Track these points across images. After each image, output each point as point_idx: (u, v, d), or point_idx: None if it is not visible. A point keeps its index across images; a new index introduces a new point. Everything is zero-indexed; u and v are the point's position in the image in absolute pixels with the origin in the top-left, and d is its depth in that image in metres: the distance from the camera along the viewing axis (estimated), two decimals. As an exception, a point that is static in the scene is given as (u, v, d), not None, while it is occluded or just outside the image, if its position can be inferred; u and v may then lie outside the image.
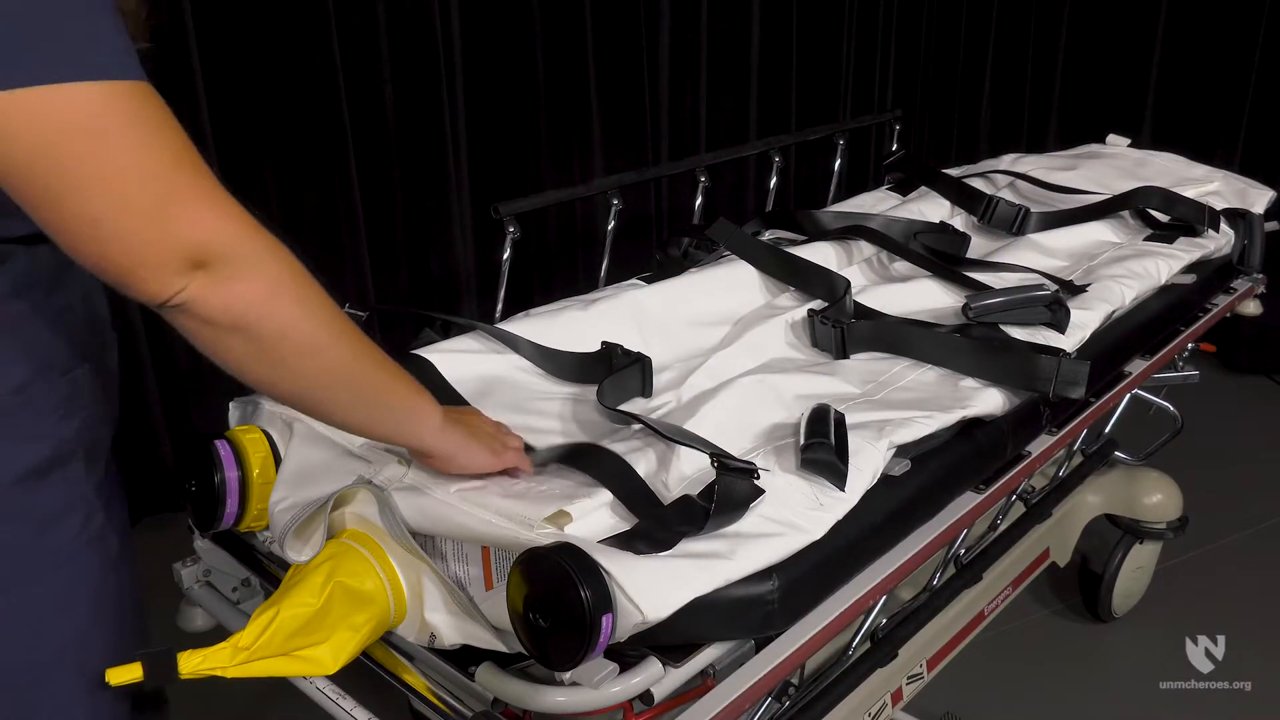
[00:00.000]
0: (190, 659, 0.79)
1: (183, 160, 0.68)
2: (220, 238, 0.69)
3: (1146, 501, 2.03)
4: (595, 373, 1.20)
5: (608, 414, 1.11)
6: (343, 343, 0.79)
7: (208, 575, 1.18)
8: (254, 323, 0.71)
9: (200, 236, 0.68)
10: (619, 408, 1.11)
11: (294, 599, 0.86)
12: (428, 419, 0.89)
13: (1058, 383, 1.16)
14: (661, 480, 0.98)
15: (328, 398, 0.81)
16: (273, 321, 0.72)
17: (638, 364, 1.18)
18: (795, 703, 1.12)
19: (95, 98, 0.64)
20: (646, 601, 0.80)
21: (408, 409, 0.88)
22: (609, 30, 2.76)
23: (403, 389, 0.87)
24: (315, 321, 0.76)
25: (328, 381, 0.79)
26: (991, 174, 2.01)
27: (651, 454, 1.01)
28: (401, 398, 0.87)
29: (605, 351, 1.22)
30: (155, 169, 0.66)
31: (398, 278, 2.65)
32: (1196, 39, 3.21)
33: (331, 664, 0.85)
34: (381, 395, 0.85)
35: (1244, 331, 3.06)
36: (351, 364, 0.80)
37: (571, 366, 1.24)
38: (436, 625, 0.92)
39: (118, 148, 0.65)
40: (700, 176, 1.87)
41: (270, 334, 0.73)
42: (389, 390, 0.85)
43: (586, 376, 1.22)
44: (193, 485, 1.03)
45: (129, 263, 0.67)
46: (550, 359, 1.25)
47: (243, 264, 0.70)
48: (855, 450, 1.00)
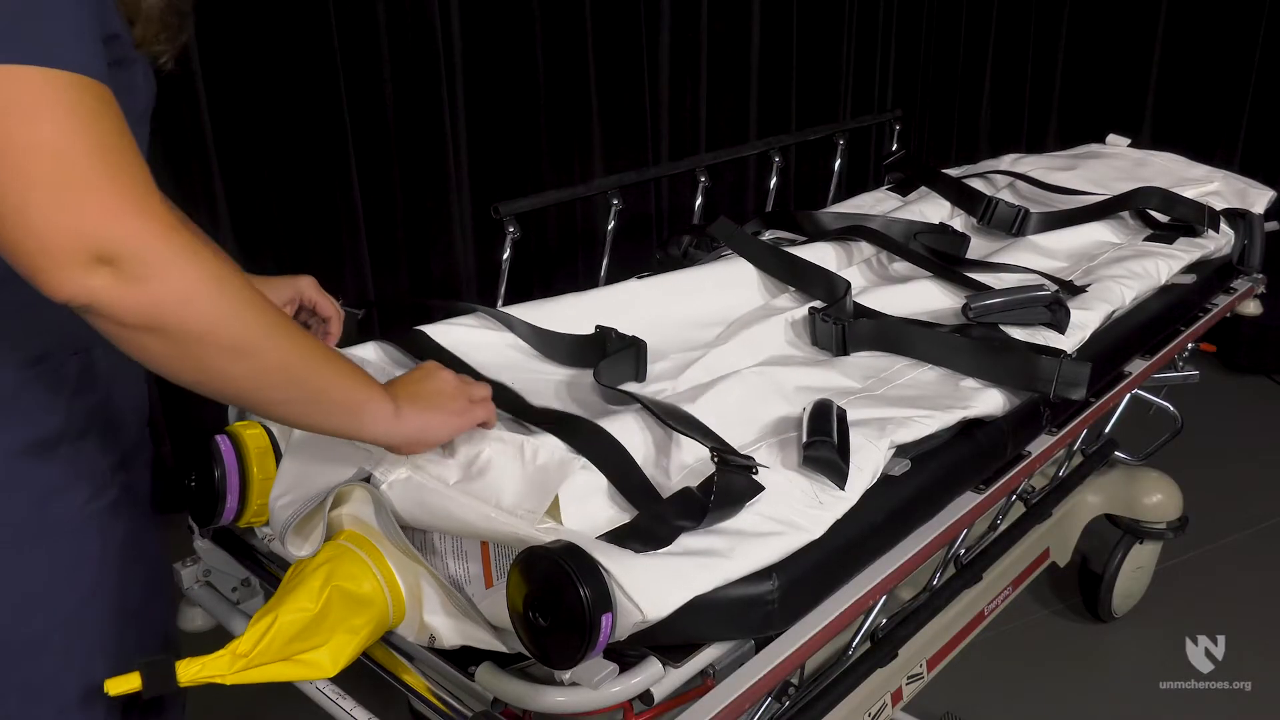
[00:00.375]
0: (189, 667, 0.79)
1: (109, 156, 0.67)
2: (130, 235, 0.67)
3: (1146, 501, 2.03)
4: (589, 356, 1.20)
5: (605, 394, 1.11)
6: (275, 342, 0.76)
7: (208, 575, 1.18)
8: (170, 325, 0.69)
9: (108, 231, 0.66)
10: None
11: (292, 604, 0.86)
12: (378, 411, 0.85)
13: (1058, 383, 1.16)
14: (661, 468, 0.98)
15: (264, 397, 0.79)
16: (190, 323, 0.70)
17: (632, 347, 1.18)
18: (795, 703, 1.12)
19: (35, 80, 0.65)
20: (646, 601, 0.80)
21: (355, 404, 0.84)
22: (609, 30, 2.76)
23: (347, 384, 0.84)
24: (241, 323, 0.73)
25: (262, 382, 0.77)
26: (991, 174, 2.01)
27: (650, 440, 1.00)
28: (346, 392, 0.83)
29: (599, 335, 1.21)
30: (74, 157, 0.66)
31: (398, 278, 2.65)
32: (1196, 39, 3.21)
33: (331, 668, 0.85)
34: (325, 392, 0.82)
35: (1244, 331, 3.06)
36: (287, 363, 0.77)
37: (565, 348, 1.24)
38: (436, 627, 0.92)
39: (41, 129, 0.65)
40: (700, 176, 1.87)
41: (189, 336, 0.71)
42: (332, 386, 0.82)
43: (580, 360, 1.22)
44: (192, 481, 1.03)
45: (31, 246, 0.65)
46: (545, 340, 1.25)
47: (154, 264, 0.67)
48: (856, 449, 0.99)
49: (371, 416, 0.85)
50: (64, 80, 0.66)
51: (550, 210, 2.76)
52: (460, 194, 2.66)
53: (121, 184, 0.67)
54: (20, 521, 0.85)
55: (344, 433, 0.86)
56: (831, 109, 3.32)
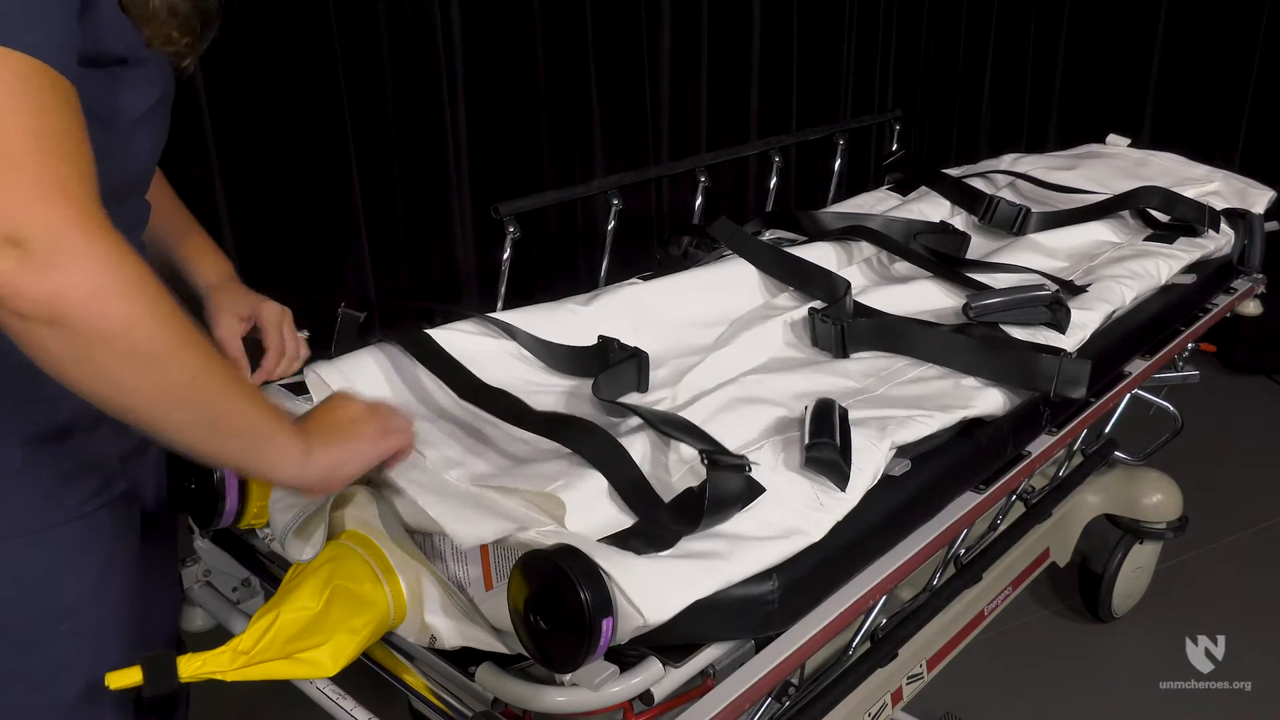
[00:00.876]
0: (190, 663, 0.79)
1: (47, 144, 0.65)
2: (46, 221, 0.63)
3: (1146, 501, 2.03)
4: (591, 366, 1.20)
5: (604, 406, 1.12)
6: (182, 355, 0.70)
7: (208, 575, 1.18)
8: (71, 319, 0.65)
9: (24, 213, 0.63)
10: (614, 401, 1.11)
11: (293, 602, 0.86)
12: (286, 448, 0.79)
13: (1059, 382, 1.16)
14: (662, 465, 0.98)
15: (162, 415, 0.72)
16: (93, 320, 0.65)
17: (634, 359, 1.18)
18: (795, 703, 1.12)
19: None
20: (647, 605, 0.80)
21: (261, 437, 0.78)
22: (609, 30, 2.76)
23: (256, 414, 0.77)
24: (148, 328, 0.68)
25: (162, 398, 0.71)
26: (991, 174, 2.01)
27: (648, 446, 1.00)
28: (252, 422, 0.77)
29: (601, 346, 1.21)
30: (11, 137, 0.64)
31: (398, 278, 2.65)
32: (1196, 39, 3.21)
33: (331, 666, 0.86)
34: (227, 419, 0.75)
35: (1244, 331, 3.06)
36: (192, 380, 0.71)
37: (567, 359, 1.24)
38: (436, 627, 0.92)
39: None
40: (700, 176, 1.87)
41: (91, 334, 0.66)
42: (236, 413, 0.76)
43: (582, 370, 1.22)
44: (192, 483, 1.03)
45: None
46: (547, 350, 1.25)
47: (67, 253, 0.64)
48: (857, 450, 0.99)
49: (281, 453, 0.79)
50: (23, 63, 0.65)
51: (550, 210, 2.76)
52: (460, 194, 2.65)
53: (52, 172, 0.64)
54: (30, 507, 0.86)
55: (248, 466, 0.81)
56: (832, 109, 3.32)
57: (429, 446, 1.02)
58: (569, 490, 0.90)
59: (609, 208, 1.74)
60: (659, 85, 2.92)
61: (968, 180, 1.91)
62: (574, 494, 0.90)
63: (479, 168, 2.67)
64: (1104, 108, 3.37)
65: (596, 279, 1.67)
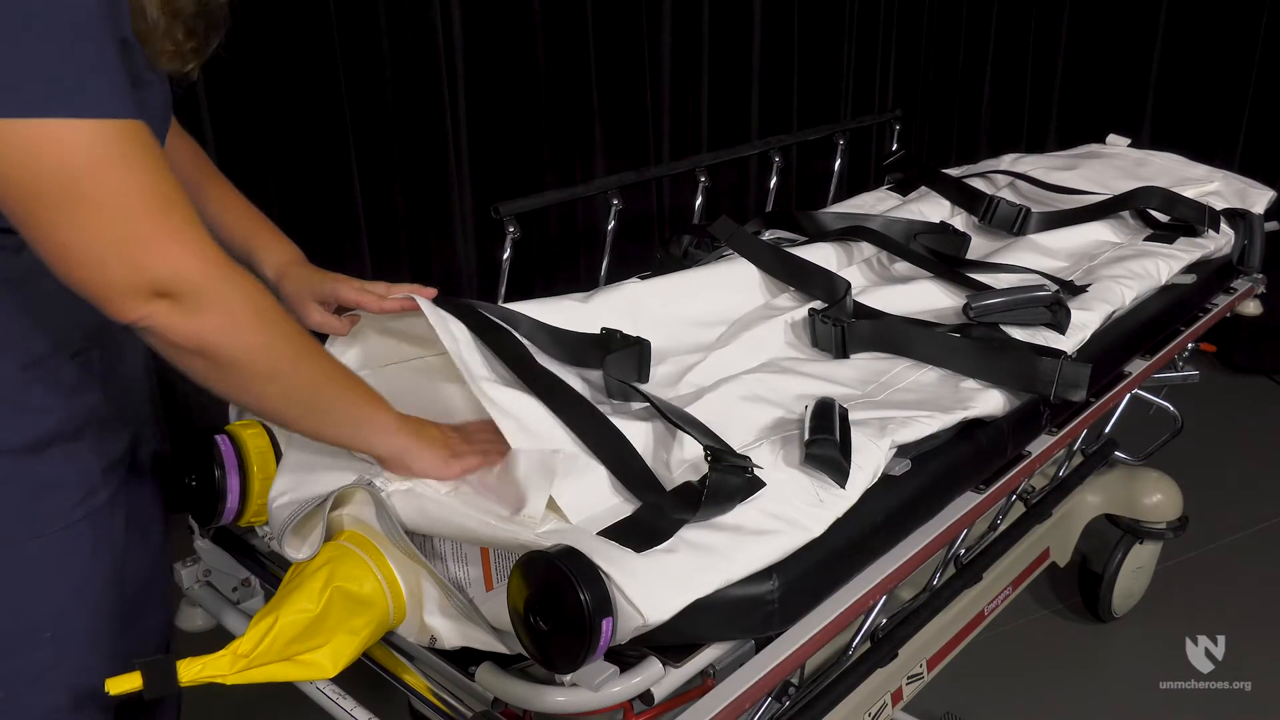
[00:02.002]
0: (189, 667, 0.79)
1: (154, 199, 0.73)
2: (185, 273, 0.74)
3: (1146, 501, 2.03)
4: (592, 355, 1.19)
5: (611, 387, 1.11)
6: (300, 368, 0.86)
7: (208, 575, 1.18)
8: (214, 350, 0.78)
9: (165, 271, 0.73)
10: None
11: (292, 604, 0.86)
12: (378, 427, 0.93)
13: (1059, 385, 1.16)
14: (662, 461, 0.98)
15: (285, 411, 0.88)
16: (232, 351, 0.79)
17: (636, 347, 1.18)
18: (795, 703, 1.12)
19: (83, 135, 0.69)
20: (647, 605, 0.80)
21: (359, 419, 0.92)
22: (610, 30, 2.76)
23: (357, 400, 0.92)
24: (273, 352, 0.82)
25: (285, 401, 0.87)
26: (991, 174, 2.01)
27: (652, 434, 1.01)
28: (354, 407, 0.92)
29: (605, 335, 1.21)
30: (125, 206, 0.71)
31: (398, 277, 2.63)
32: (1196, 39, 3.20)
33: (331, 668, 0.86)
34: (342, 410, 0.91)
35: (1244, 331, 3.06)
36: (307, 386, 0.87)
37: (570, 346, 1.23)
38: (436, 628, 0.92)
39: (93, 184, 0.70)
40: (701, 176, 1.87)
41: (229, 361, 0.79)
42: (351, 406, 0.91)
43: (583, 359, 1.21)
44: (192, 481, 1.03)
45: (96, 286, 0.73)
46: (549, 336, 1.24)
47: (206, 298, 0.76)
48: (857, 448, 0.99)
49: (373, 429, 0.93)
50: (108, 129, 0.70)
51: (550, 210, 2.76)
52: (461, 194, 2.65)
53: (170, 224, 0.74)
54: (12, 518, 0.87)
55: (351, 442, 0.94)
56: (832, 109, 3.32)
57: None
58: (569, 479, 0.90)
59: (609, 208, 1.74)
60: (659, 85, 2.92)
61: (968, 180, 1.91)
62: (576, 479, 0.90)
63: (479, 168, 2.67)
64: (1104, 108, 3.37)
65: (596, 279, 1.67)
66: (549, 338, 1.24)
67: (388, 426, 0.93)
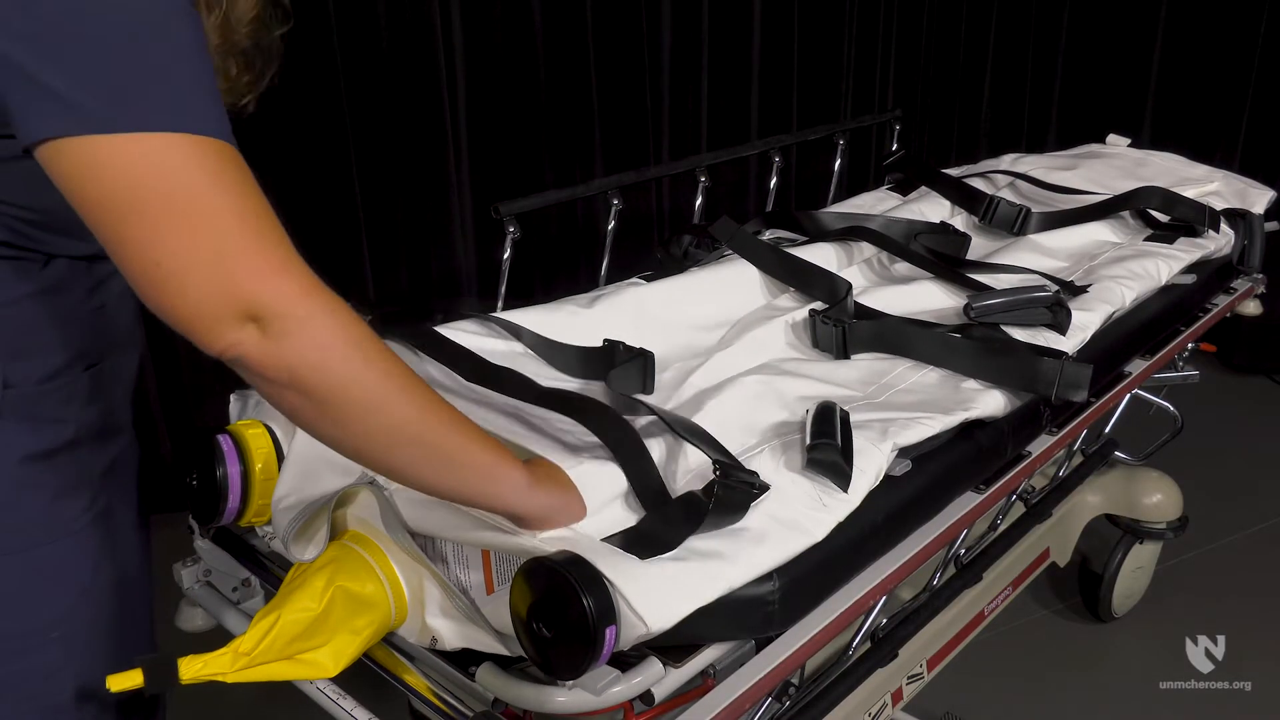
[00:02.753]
0: (191, 665, 0.79)
1: (250, 220, 0.71)
2: (275, 296, 0.70)
3: (1146, 501, 2.03)
4: (597, 367, 1.19)
5: (617, 402, 1.11)
6: (406, 399, 0.78)
7: (208, 575, 1.18)
8: (307, 378, 0.72)
9: (255, 293, 0.70)
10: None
11: (295, 603, 0.86)
12: (509, 478, 0.84)
13: (1060, 385, 1.16)
14: (670, 471, 0.98)
15: (395, 455, 0.79)
16: (326, 378, 0.73)
17: (640, 359, 1.18)
18: (795, 703, 1.12)
19: (180, 150, 0.68)
20: (650, 613, 0.80)
21: (485, 467, 0.83)
22: (610, 30, 2.76)
23: (478, 447, 0.83)
24: (371, 379, 0.75)
25: (393, 439, 0.78)
26: (991, 174, 2.01)
27: (658, 444, 1.01)
28: (477, 455, 0.83)
29: (608, 348, 1.21)
30: (222, 225, 0.69)
31: (398, 278, 2.65)
32: (1196, 39, 3.21)
33: (333, 668, 0.86)
34: (454, 453, 0.81)
35: (1244, 331, 3.06)
36: (417, 421, 0.78)
37: (574, 360, 1.24)
38: (438, 629, 0.92)
39: (191, 201, 0.68)
40: (701, 176, 1.87)
41: (324, 390, 0.73)
42: (462, 448, 0.82)
43: (588, 371, 1.22)
44: (194, 480, 1.03)
45: (184, 308, 0.69)
46: (553, 350, 1.25)
47: (296, 322, 0.71)
48: (858, 451, 0.99)
49: (503, 480, 0.84)
50: (207, 147, 0.69)
51: (550, 210, 2.76)
52: (460, 194, 2.65)
53: (265, 246, 0.71)
54: (34, 523, 0.87)
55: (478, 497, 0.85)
56: (832, 109, 3.32)
57: None
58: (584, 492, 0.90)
59: (609, 208, 1.73)
60: (659, 85, 2.92)
61: (968, 180, 1.91)
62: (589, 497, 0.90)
63: (479, 168, 2.67)
64: (1104, 108, 3.37)
65: (596, 279, 1.67)
66: (553, 352, 1.24)
67: (521, 480, 0.85)
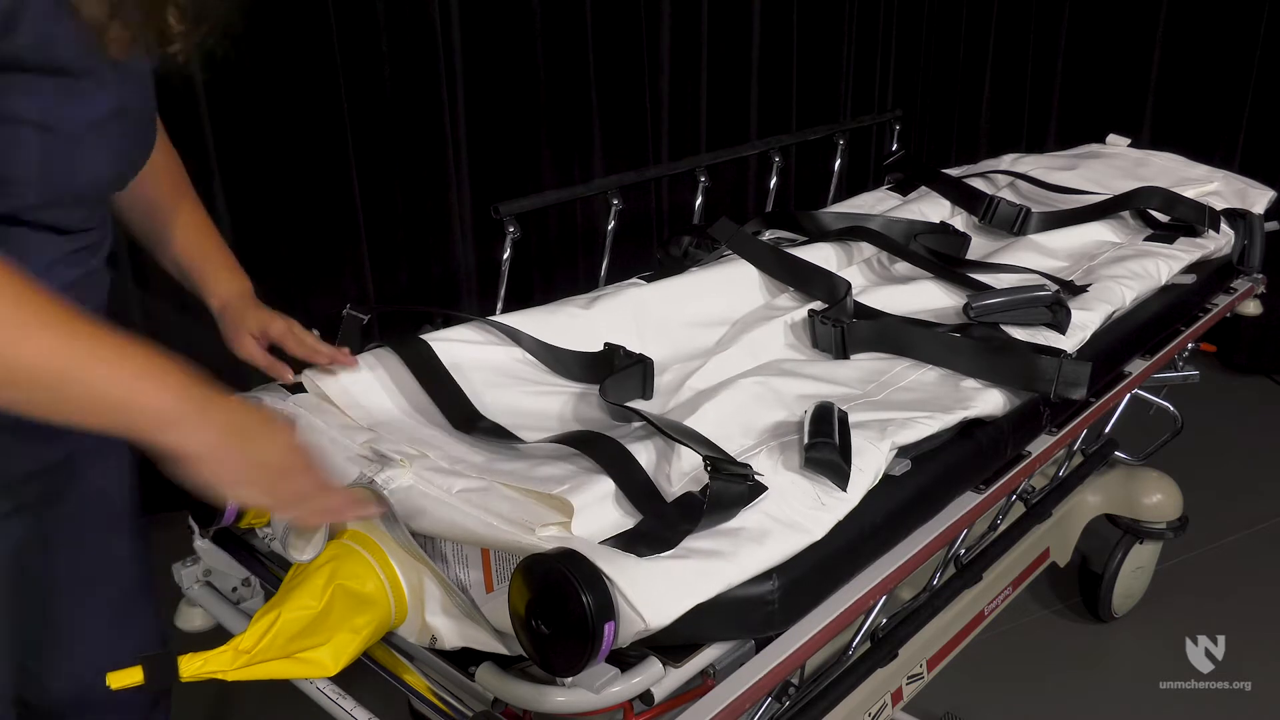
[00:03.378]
0: (191, 662, 0.80)
1: None
2: None
3: (1146, 501, 2.03)
4: (597, 373, 1.20)
5: (610, 410, 1.12)
6: (27, 334, 0.67)
7: (207, 575, 1.18)
8: None
9: None
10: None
11: (295, 602, 0.86)
12: (148, 409, 0.72)
13: (1059, 384, 1.16)
14: (664, 474, 0.98)
15: (16, 396, 0.69)
16: None
17: (639, 365, 1.18)
18: (795, 703, 1.12)
19: None
20: (649, 609, 0.80)
21: (117, 396, 0.71)
22: (609, 30, 2.76)
23: (115, 373, 0.71)
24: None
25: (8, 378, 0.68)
26: (991, 174, 2.01)
27: (653, 449, 1.01)
28: (111, 383, 0.71)
29: (608, 353, 1.22)
30: None
31: (398, 278, 2.65)
32: (1196, 39, 3.20)
33: (333, 666, 0.86)
34: (83, 384, 0.70)
35: (1244, 331, 3.06)
36: (43, 360, 0.68)
37: (573, 365, 1.24)
38: (437, 628, 0.92)
39: None
40: (700, 176, 1.87)
41: None
42: (94, 375, 0.70)
43: (588, 376, 1.22)
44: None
45: None
46: (552, 355, 1.25)
47: None
48: (857, 450, 1.00)
49: (141, 413, 0.72)
50: None
51: (550, 210, 2.76)
52: (460, 194, 2.65)
53: None
54: None
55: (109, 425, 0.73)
56: (832, 109, 3.32)
57: (432, 448, 1.02)
58: (576, 493, 0.90)
59: (609, 208, 1.74)
60: (659, 85, 2.92)
61: (968, 180, 1.92)
62: (581, 496, 0.90)
63: (479, 168, 2.67)
64: (1104, 108, 3.37)
65: (596, 279, 1.67)
66: (553, 357, 1.25)
67: (167, 413, 0.72)
